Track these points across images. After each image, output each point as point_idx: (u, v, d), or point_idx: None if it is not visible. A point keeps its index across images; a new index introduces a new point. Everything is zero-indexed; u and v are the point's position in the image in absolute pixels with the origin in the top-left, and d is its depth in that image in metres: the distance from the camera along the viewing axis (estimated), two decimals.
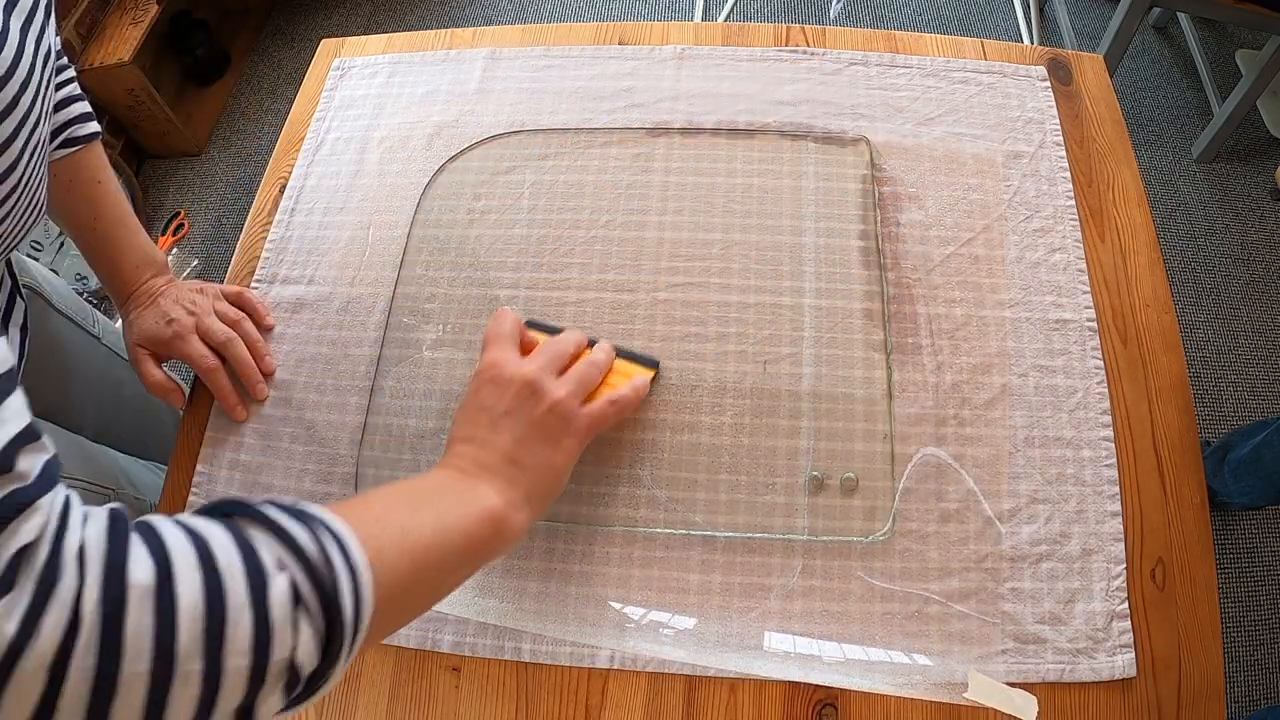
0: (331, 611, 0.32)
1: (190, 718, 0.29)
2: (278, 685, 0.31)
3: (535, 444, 0.48)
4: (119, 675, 0.26)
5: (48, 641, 0.25)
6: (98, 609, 0.26)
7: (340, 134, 0.75)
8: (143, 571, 0.28)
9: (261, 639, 0.30)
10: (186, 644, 0.28)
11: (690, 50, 0.76)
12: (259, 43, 2.08)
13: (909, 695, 0.50)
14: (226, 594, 0.29)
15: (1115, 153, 0.69)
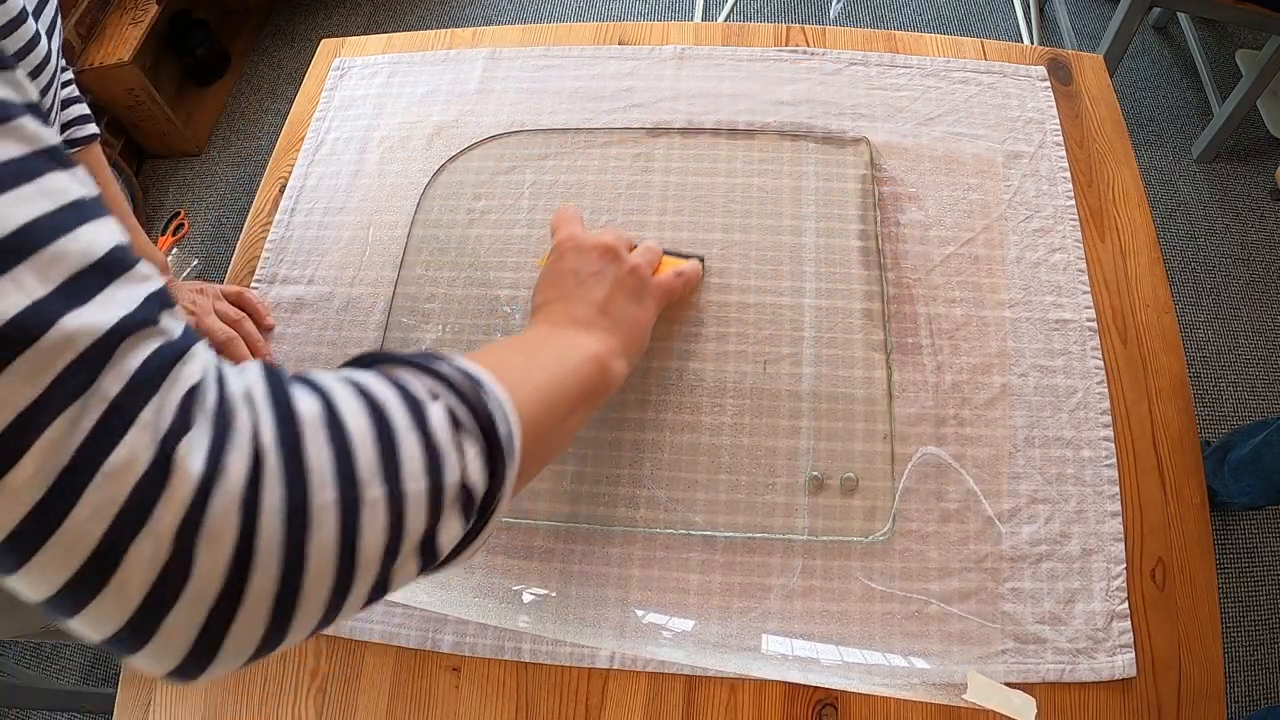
0: (489, 432, 0.33)
1: (381, 547, 0.28)
2: (455, 509, 0.31)
3: (622, 300, 0.52)
4: (309, 506, 0.26)
5: (235, 477, 0.25)
6: (275, 441, 0.26)
7: (340, 134, 0.75)
8: (309, 406, 0.28)
9: (433, 462, 0.30)
10: (365, 469, 0.28)
11: (690, 50, 0.76)
12: (259, 43, 2.08)
13: (908, 696, 0.50)
14: (391, 422, 0.29)
15: (1115, 153, 0.69)
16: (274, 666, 0.54)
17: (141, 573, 0.23)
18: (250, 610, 0.25)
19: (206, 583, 0.24)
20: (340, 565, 0.27)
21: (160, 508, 0.24)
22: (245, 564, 0.25)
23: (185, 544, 0.24)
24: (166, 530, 0.24)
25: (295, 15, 2.12)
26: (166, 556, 0.24)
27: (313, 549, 0.26)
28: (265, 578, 0.25)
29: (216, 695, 0.54)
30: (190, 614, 0.24)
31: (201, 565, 0.24)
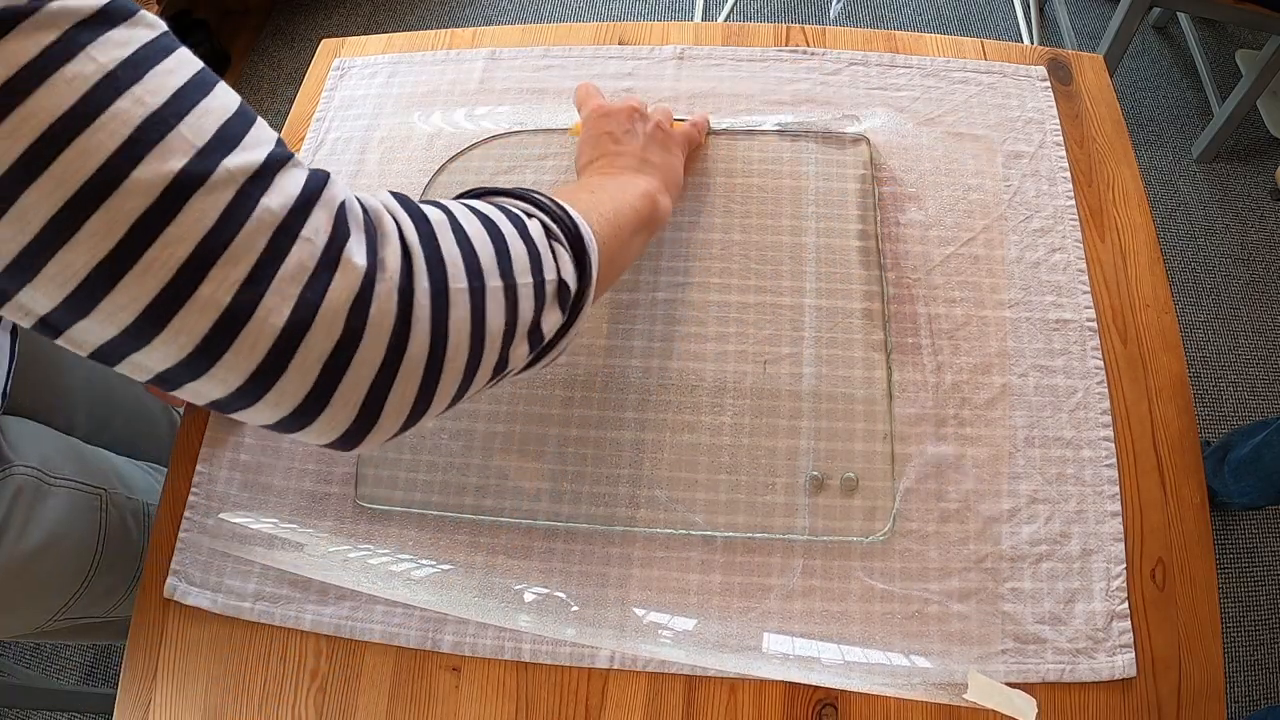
0: (576, 242, 0.40)
1: (502, 328, 0.34)
2: (554, 300, 0.38)
3: (655, 149, 0.58)
4: (448, 290, 0.32)
5: (392, 267, 0.30)
6: (418, 240, 0.32)
7: (340, 134, 0.75)
8: (437, 215, 0.34)
9: (535, 261, 0.36)
10: (486, 264, 0.34)
11: (690, 50, 0.76)
12: (259, 43, 2.08)
13: (909, 696, 0.50)
14: (501, 230, 0.35)
15: (1115, 153, 0.69)
16: (274, 666, 0.54)
17: (319, 351, 0.29)
18: (406, 377, 0.31)
19: (372, 353, 0.30)
20: (473, 340, 0.33)
21: (331, 296, 0.29)
22: (403, 337, 0.30)
23: (355, 324, 0.29)
24: (338, 314, 0.29)
25: (295, 15, 2.12)
26: (339, 335, 0.29)
27: (453, 326, 0.32)
28: (419, 348, 0.31)
29: (216, 695, 0.54)
30: (358, 382, 0.30)
31: (368, 340, 0.29)
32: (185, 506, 0.59)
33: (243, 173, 0.28)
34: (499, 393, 0.61)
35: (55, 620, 0.69)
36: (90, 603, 0.70)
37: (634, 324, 0.62)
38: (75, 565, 0.67)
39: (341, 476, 0.59)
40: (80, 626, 0.75)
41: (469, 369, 0.34)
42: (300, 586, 0.56)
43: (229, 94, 0.30)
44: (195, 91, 0.29)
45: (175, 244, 0.27)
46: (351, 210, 0.31)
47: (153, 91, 0.27)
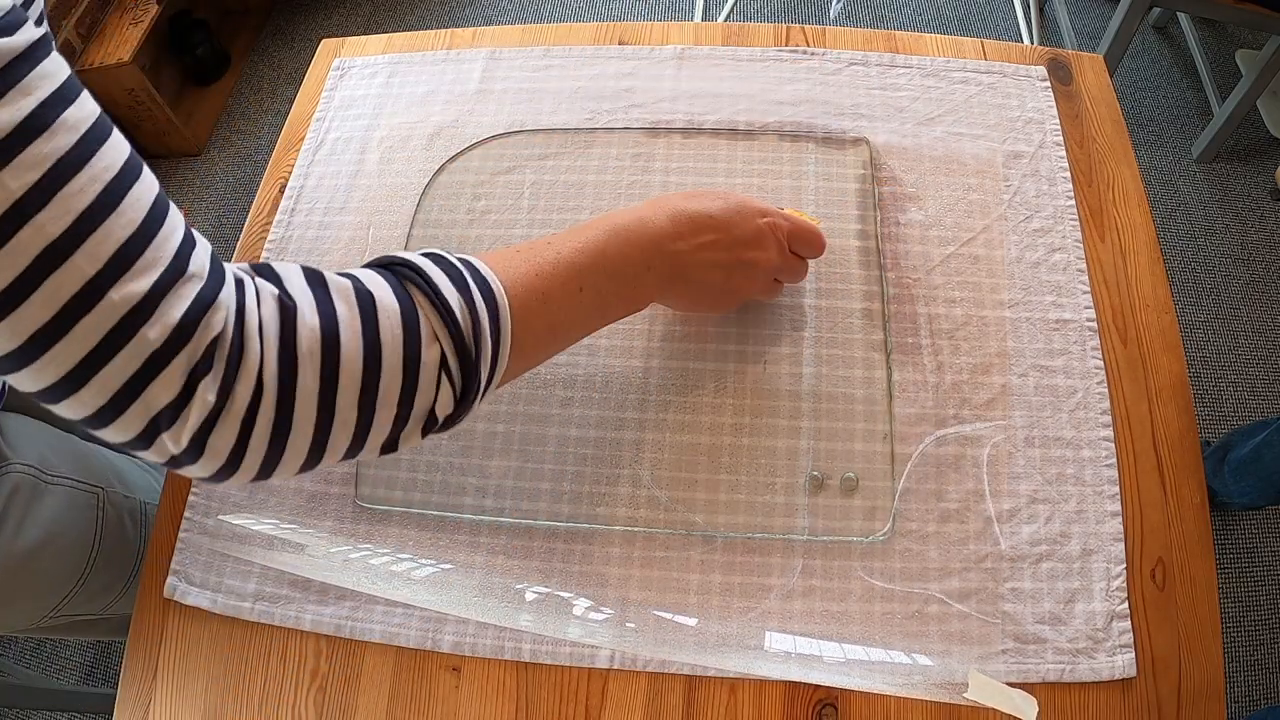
0: (469, 376, 0.38)
1: (346, 448, 0.37)
2: (417, 428, 0.39)
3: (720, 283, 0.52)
4: (292, 423, 0.34)
5: (240, 405, 0.33)
6: (275, 375, 0.34)
7: (340, 134, 0.75)
8: (309, 339, 0.34)
9: (407, 395, 0.37)
10: (346, 401, 0.35)
11: (690, 50, 0.76)
12: (259, 43, 2.08)
13: (909, 695, 0.50)
14: (383, 361, 0.36)
15: (1115, 153, 0.69)
16: (274, 666, 0.54)
17: (172, 446, 0.33)
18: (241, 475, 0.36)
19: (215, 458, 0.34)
20: (310, 457, 0.36)
21: (178, 425, 0.33)
22: (241, 451, 0.34)
23: (200, 438, 0.33)
24: (188, 430, 0.33)
25: (295, 15, 2.12)
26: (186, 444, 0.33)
27: (289, 454, 0.35)
28: (253, 461, 0.35)
29: (216, 695, 0.54)
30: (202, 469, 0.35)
31: (211, 450, 0.34)
32: (185, 506, 0.59)
33: (126, 303, 0.31)
34: (499, 393, 0.61)
35: (51, 617, 0.69)
36: (86, 600, 0.70)
37: (634, 324, 0.62)
38: (71, 563, 0.67)
39: (341, 476, 0.59)
40: (77, 623, 0.75)
41: (304, 469, 0.37)
42: (300, 586, 0.56)
43: (137, 204, 0.32)
44: (99, 213, 0.31)
45: (61, 358, 0.31)
46: (222, 341, 0.33)
47: (56, 219, 0.29)
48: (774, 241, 0.52)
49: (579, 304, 0.44)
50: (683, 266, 0.49)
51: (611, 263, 0.45)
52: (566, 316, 0.44)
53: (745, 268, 0.51)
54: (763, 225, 0.51)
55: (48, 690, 1.14)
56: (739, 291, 0.54)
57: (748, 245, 0.51)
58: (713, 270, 0.50)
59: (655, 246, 0.47)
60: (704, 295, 0.52)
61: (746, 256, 0.51)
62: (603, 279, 0.45)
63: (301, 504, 0.58)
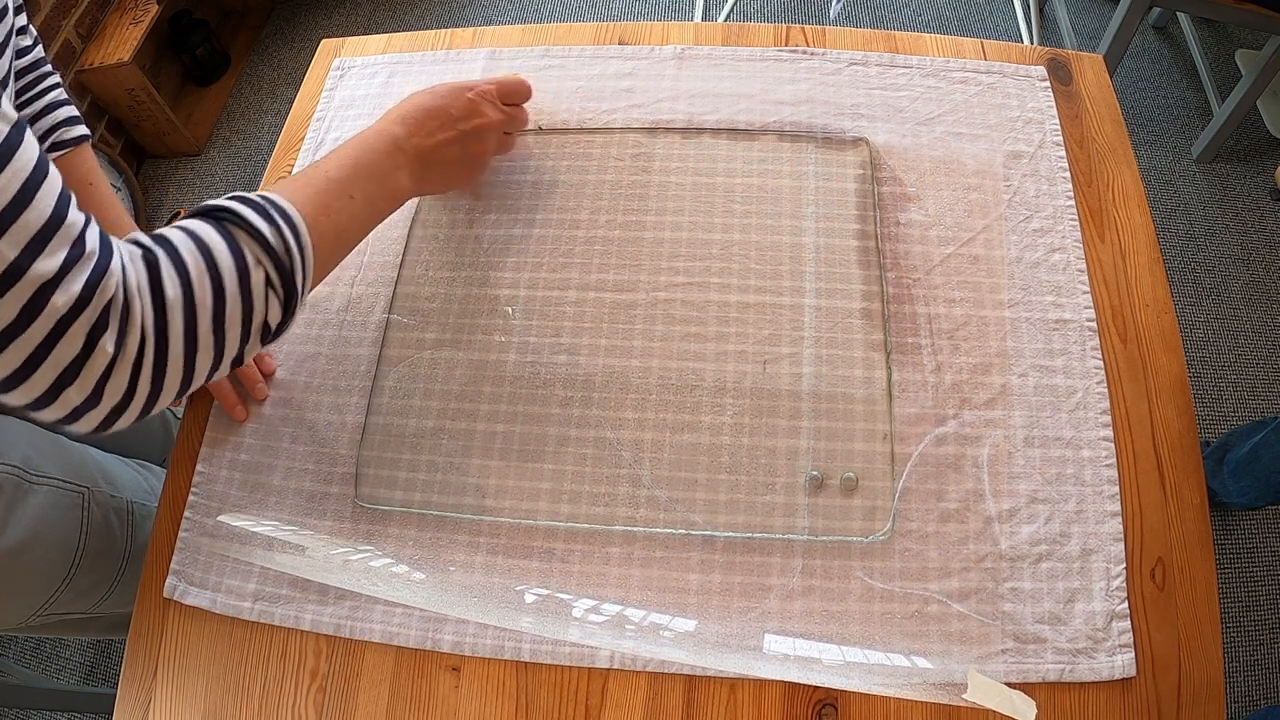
0: (289, 287, 0.47)
1: (208, 370, 0.45)
2: (257, 337, 0.47)
3: (456, 156, 0.61)
4: (168, 358, 0.42)
5: (131, 351, 0.41)
6: (153, 325, 0.41)
7: (340, 134, 0.75)
8: (173, 291, 0.42)
9: (247, 313, 0.45)
10: (204, 330, 0.43)
11: (690, 50, 0.76)
12: (259, 43, 2.08)
13: (909, 696, 0.50)
14: (225, 291, 0.44)
15: (1115, 153, 0.69)
16: (274, 666, 0.54)
17: (75, 399, 0.40)
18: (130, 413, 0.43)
19: (108, 406, 0.41)
20: (182, 384, 0.44)
21: (81, 377, 0.39)
22: (132, 390, 0.42)
23: (97, 392, 0.40)
24: (86, 383, 0.40)
25: (295, 15, 2.12)
26: (89, 392, 0.40)
27: (168, 378, 0.43)
28: (140, 398, 0.42)
29: (216, 695, 0.54)
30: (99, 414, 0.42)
31: (104, 400, 0.41)
32: (185, 506, 0.59)
33: (40, 278, 0.37)
34: (499, 392, 0.61)
35: (39, 615, 0.69)
36: (74, 599, 0.70)
37: (634, 324, 0.62)
38: (57, 562, 0.67)
39: (341, 477, 0.59)
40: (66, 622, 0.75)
41: (178, 396, 0.45)
42: (300, 586, 0.56)
43: (50, 193, 0.38)
44: (20, 203, 0.36)
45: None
46: (115, 303, 0.40)
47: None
48: (487, 104, 0.62)
49: (353, 209, 0.53)
50: (424, 155, 0.58)
51: (368, 169, 0.55)
52: (347, 221, 0.53)
53: (474, 135, 0.61)
54: (472, 96, 0.61)
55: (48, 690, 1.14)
56: (479, 155, 0.63)
57: (468, 116, 0.61)
58: (449, 148, 0.60)
59: (397, 148, 0.57)
60: (450, 171, 0.62)
61: (470, 126, 0.61)
62: (367, 184, 0.54)
63: (301, 504, 0.58)
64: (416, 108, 0.59)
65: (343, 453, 0.60)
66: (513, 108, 0.66)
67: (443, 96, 0.60)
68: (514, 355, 0.62)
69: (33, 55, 0.61)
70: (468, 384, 0.61)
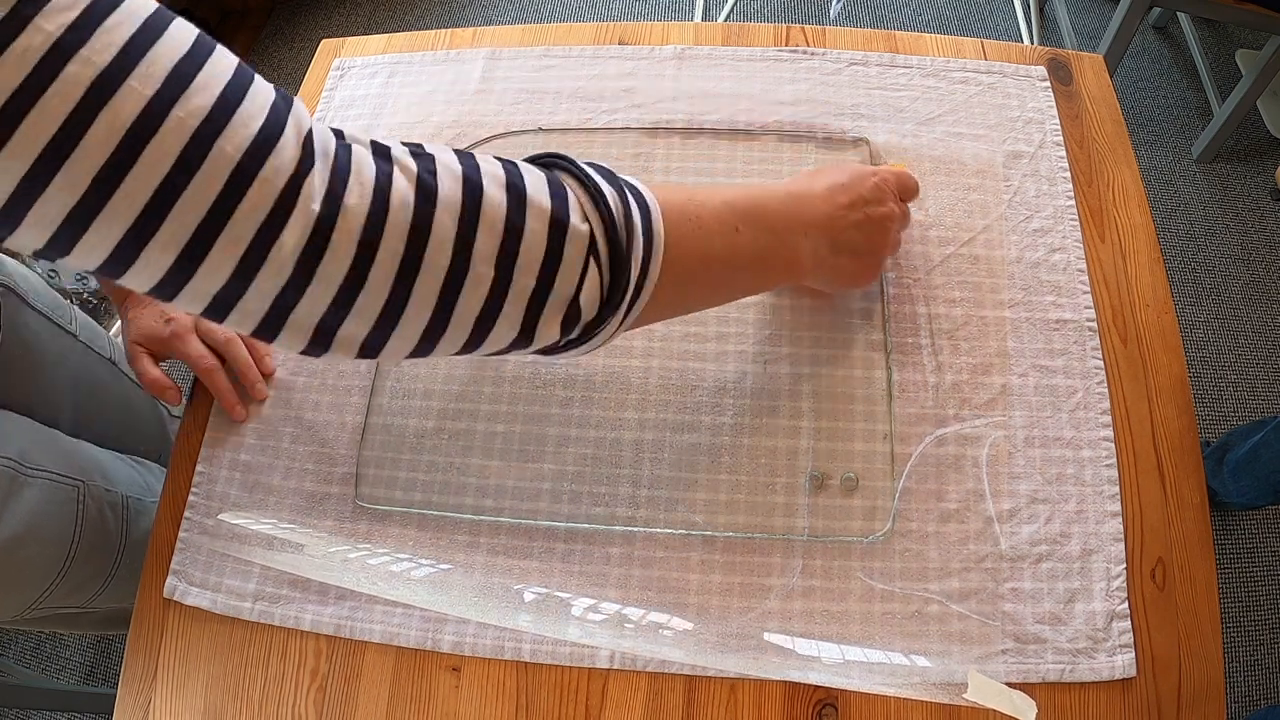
0: (618, 267, 0.35)
1: (475, 315, 0.33)
2: (557, 316, 0.35)
3: (861, 245, 0.53)
4: (422, 260, 0.31)
5: (355, 219, 0.30)
6: (406, 201, 0.31)
7: None
8: (448, 185, 0.32)
9: (550, 266, 0.34)
10: (483, 249, 0.32)
11: (690, 50, 0.76)
12: (259, 43, 2.08)
13: (909, 695, 0.50)
14: (527, 220, 0.33)
15: (1115, 153, 0.69)
16: (274, 666, 0.54)
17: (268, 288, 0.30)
18: (355, 322, 0.31)
19: (320, 296, 0.31)
20: (435, 315, 0.32)
21: (281, 241, 0.30)
22: (354, 292, 0.31)
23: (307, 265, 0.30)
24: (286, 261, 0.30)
25: (295, 16, 2.12)
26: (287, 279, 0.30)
27: (415, 299, 0.31)
28: (372, 302, 0.31)
29: (216, 695, 0.54)
30: (309, 317, 0.31)
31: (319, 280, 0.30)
32: (185, 506, 0.59)
33: (194, 117, 0.29)
34: (499, 392, 0.61)
35: (34, 609, 0.69)
36: (68, 593, 0.70)
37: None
38: (51, 556, 0.67)
39: (341, 476, 0.59)
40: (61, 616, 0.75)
41: (426, 339, 0.33)
42: (300, 586, 0.56)
43: (182, 33, 0.31)
44: (144, 39, 0.29)
45: (133, 194, 0.28)
46: (322, 146, 0.31)
47: (100, 50, 0.28)
48: (889, 194, 0.54)
49: (735, 243, 0.42)
50: (833, 230, 0.50)
51: (769, 218, 0.45)
52: (722, 251, 0.42)
53: (879, 223, 0.53)
54: (877, 181, 0.53)
55: (48, 690, 1.14)
56: (878, 251, 0.55)
57: (875, 201, 0.52)
58: (855, 230, 0.51)
59: (810, 211, 0.48)
60: (852, 259, 0.53)
61: (877, 213, 0.52)
62: (760, 230, 0.44)
63: (301, 504, 0.58)
64: (827, 176, 0.52)
65: (343, 453, 0.60)
66: (904, 205, 0.58)
67: (851, 175, 0.52)
68: (514, 355, 0.62)
69: None
70: (468, 384, 0.61)
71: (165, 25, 0.31)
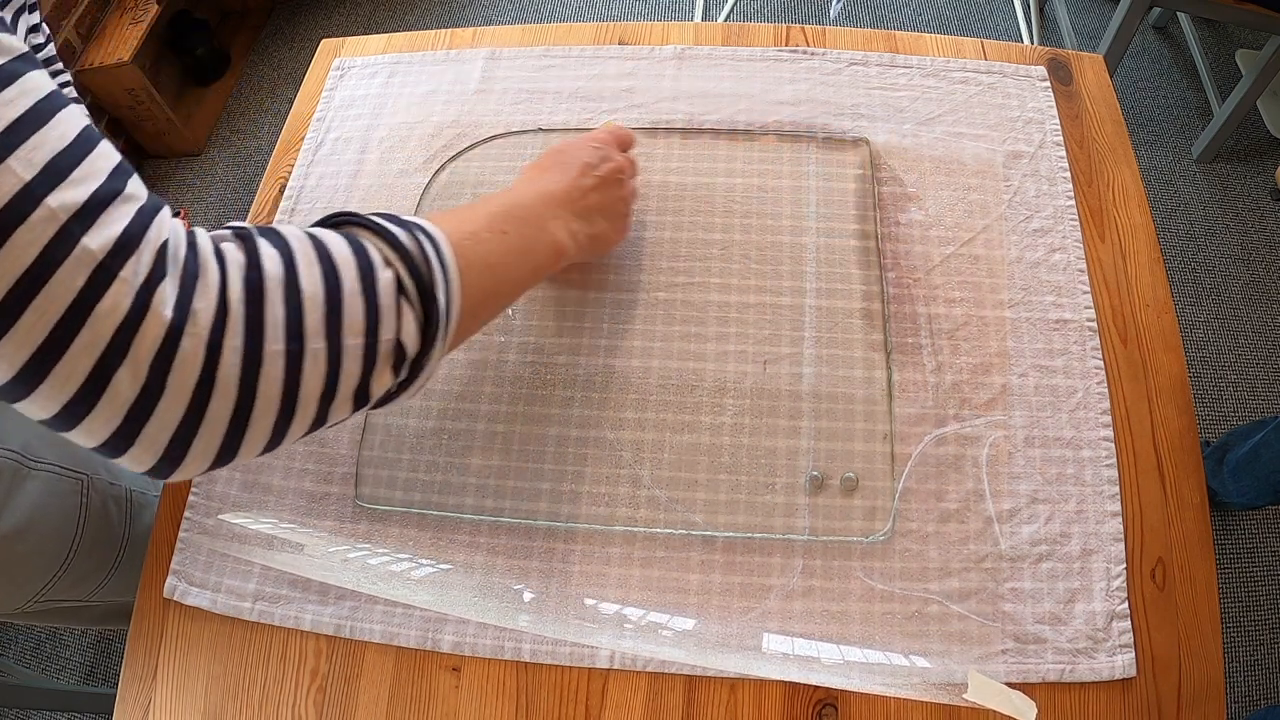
0: (429, 301, 0.38)
1: (319, 390, 0.34)
2: (387, 364, 0.37)
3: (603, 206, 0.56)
4: (262, 352, 0.31)
5: (204, 322, 0.30)
6: (241, 293, 0.31)
7: (340, 134, 0.75)
8: (273, 265, 0.33)
9: (371, 321, 0.35)
10: (312, 325, 0.33)
11: (690, 50, 0.76)
12: (259, 43, 2.08)
13: (909, 696, 0.50)
14: (342, 283, 0.34)
15: (1115, 153, 0.69)
16: (274, 666, 0.54)
17: (124, 397, 0.29)
18: (209, 429, 0.31)
19: (174, 405, 0.30)
20: (284, 403, 0.33)
21: (137, 344, 0.29)
22: (205, 394, 0.30)
23: (157, 376, 0.29)
24: (141, 364, 0.29)
25: (295, 15, 2.12)
26: (142, 383, 0.29)
27: (262, 388, 0.32)
28: (223, 406, 0.31)
29: (216, 695, 0.54)
30: (162, 428, 0.30)
31: (169, 394, 0.30)
32: (185, 506, 0.59)
33: (65, 210, 0.28)
34: (499, 392, 0.61)
35: (36, 602, 0.69)
36: (70, 586, 0.70)
37: (634, 324, 0.62)
38: (54, 549, 0.67)
39: (341, 476, 0.59)
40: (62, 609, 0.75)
41: (278, 428, 0.34)
42: (300, 586, 0.56)
43: (71, 121, 0.31)
44: (31, 123, 0.29)
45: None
46: (174, 253, 0.31)
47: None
48: (611, 150, 0.58)
49: (507, 246, 0.46)
50: (575, 201, 0.54)
51: (524, 212, 0.50)
52: (500, 257, 0.46)
53: (611, 180, 0.56)
54: (593, 145, 0.57)
55: (48, 690, 1.14)
56: (620, 205, 0.58)
57: (600, 162, 0.56)
58: (593, 194, 0.55)
59: (547, 194, 0.52)
60: (600, 221, 0.56)
61: (606, 170, 0.56)
62: (522, 226, 0.48)
63: (301, 504, 0.58)
64: (552, 158, 0.56)
65: (343, 453, 0.60)
66: (627, 155, 0.61)
67: (570, 149, 0.56)
68: (514, 355, 0.62)
69: (44, 54, 0.61)
70: (468, 384, 0.61)
71: (57, 109, 0.31)
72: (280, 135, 0.76)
